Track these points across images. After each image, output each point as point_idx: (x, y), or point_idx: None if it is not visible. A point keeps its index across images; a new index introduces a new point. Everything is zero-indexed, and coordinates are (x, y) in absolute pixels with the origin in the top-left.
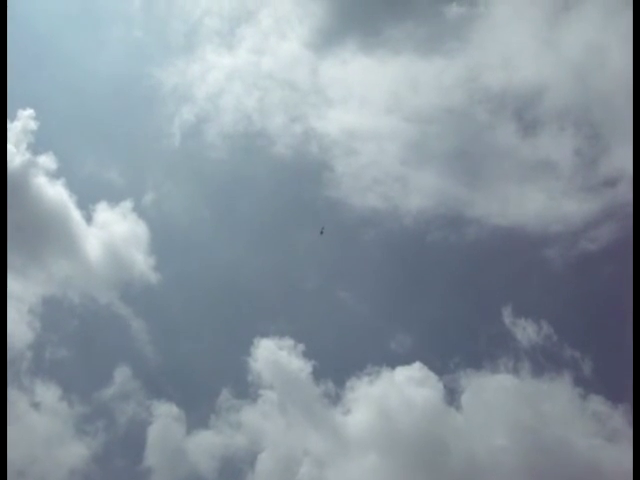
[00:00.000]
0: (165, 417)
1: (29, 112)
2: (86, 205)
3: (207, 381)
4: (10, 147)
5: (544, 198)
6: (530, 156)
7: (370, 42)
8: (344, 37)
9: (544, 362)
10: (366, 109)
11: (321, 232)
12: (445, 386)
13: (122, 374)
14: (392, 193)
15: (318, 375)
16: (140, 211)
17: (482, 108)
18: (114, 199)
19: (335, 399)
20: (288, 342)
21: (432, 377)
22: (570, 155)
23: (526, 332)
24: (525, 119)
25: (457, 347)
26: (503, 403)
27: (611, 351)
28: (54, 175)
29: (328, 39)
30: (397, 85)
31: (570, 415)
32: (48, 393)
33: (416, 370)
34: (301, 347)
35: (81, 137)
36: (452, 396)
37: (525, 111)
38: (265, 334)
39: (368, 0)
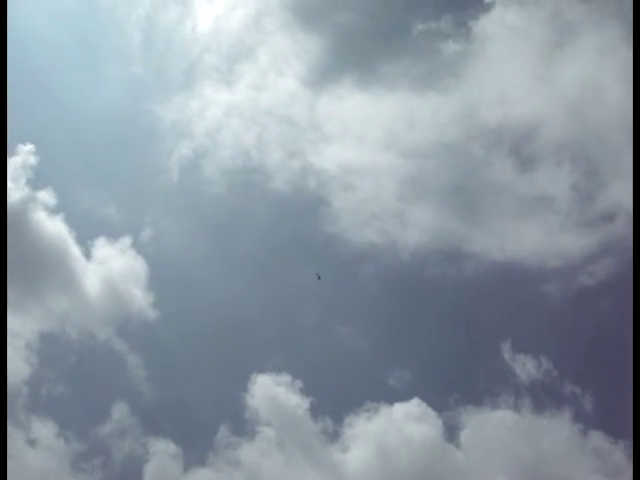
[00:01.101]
0: (162, 454)
1: (29, 147)
2: (85, 240)
3: (204, 418)
4: (9, 182)
5: (542, 233)
6: (527, 191)
7: (366, 79)
8: (340, 74)
9: (544, 398)
10: (363, 145)
11: (318, 277)
12: (444, 423)
13: (119, 411)
14: (390, 228)
15: (316, 412)
16: (138, 247)
17: (478, 144)
18: (113, 235)
19: (333, 436)
20: (286, 378)
21: (431, 413)
22: (567, 190)
23: (525, 368)
24: (522, 154)
25: (456, 383)
26: (503, 440)
27: (611, 386)
28: (53, 210)
29: (325, 76)
30: (393, 121)
31: (570, 451)
32: (44, 430)
33: (414, 406)
34: (299, 383)
35: (80, 172)
36: (451, 433)
37: (521, 146)
38: (262, 370)
39: (364, 37)
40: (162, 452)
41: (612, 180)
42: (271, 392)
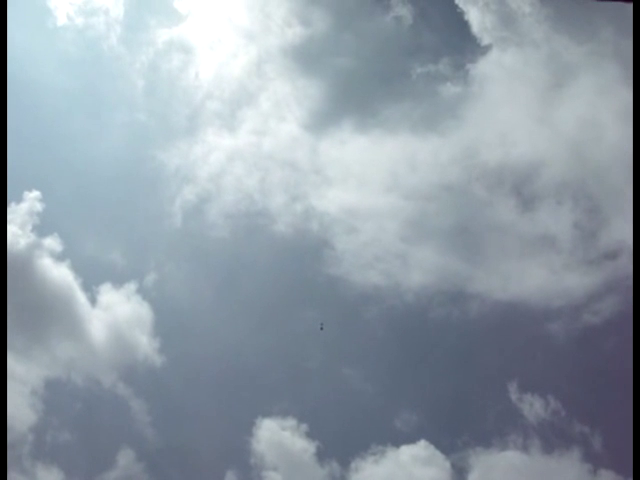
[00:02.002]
0: None
1: (35, 194)
2: (90, 287)
3: (211, 463)
4: (15, 229)
5: (545, 272)
6: (529, 231)
7: (367, 122)
8: (341, 118)
9: (553, 438)
10: (365, 188)
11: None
12: (452, 464)
13: (125, 457)
14: (393, 270)
15: (322, 455)
16: (144, 292)
17: (480, 184)
18: (118, 280)
19: None
20: (291, 422)
21: (438, 455)
22: (569, 229)
23: (533, 408)
24: (523, 194)
25: (463, 424)
26: None
27: (619, 424)
28: (59, 257)
29: (326, 120)
30: (395, 164)
31: None
32: (50, 477)
33: (422, 449)
34: (304, 427)
35: (85, 218)
36: (460, 475)
37: (523, 186)
38: (268, 414)
39: (364, 81)
40: None
41: (614, 218)
42: (277, 436)
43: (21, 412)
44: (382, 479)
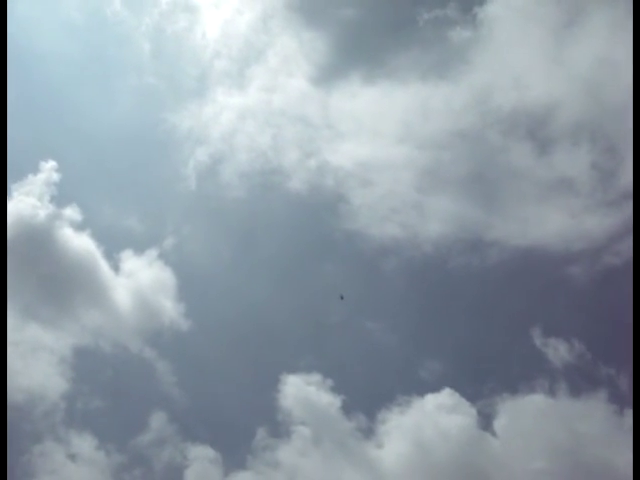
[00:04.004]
0: (202, 460)
1: (52, 164)
2: (112, 254)
3: (240, 421)
4: (34, 200)
5: (564, 216)
6: (547, 175)
7: (376, 73)
8: (350, 70)
9: (579, 381)
10: (378, 140)
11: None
12: (478, 411)
13: (156, 420)
14: (410, 221)
15: (348, 409)
16: (165, 257)
17: (494, 130)
18: (138, 246)
19: (367, 432)
20: (316, 377)
21: (464, 403)
22: (587, 170)
23: (558, 352)
24: (539, 138)
25: (488, 371)
26: (539, 425)
27: None
28: (79, 226)
29: (335, 73)
30: (407, 114)
31: (609, 433)
32: (84, 443)
33: (447, 397)
34: (329, 382)
35: (101, 186)
36: (486, 421)
37: (538, 130)
38: (293, 371)
39: (370, 31)
40: (201, 458)
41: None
42: (302, 392)
43: (52, 381)
44: (408, 429)
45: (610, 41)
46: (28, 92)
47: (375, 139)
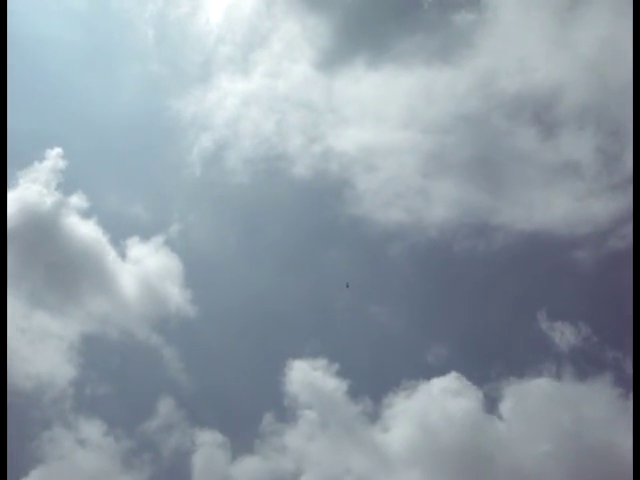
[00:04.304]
0: (209, 445)
1: (57, 151)
2: (118, 241)
3: (247, 406)
4: (40, 188)
5: (569, 200)
6: (552, 158)
7: (380, 57)
8: (354, 55)
9: (584, 364)
10: (382, 124)
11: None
12: (485, 395)
13: (164, 405)
14: (415, 206)
15: (354, 393)
16: (171, 244)
17: (499, 113)
18: (144, 233)
19: (373, 417)
20: (322, 362)
21: (470, 387)
22: (592, 154)
23: (564, 335)
24: (544, 121)
25: (494, 355)
26: (545, 408)
27: None
28: (85, 214)
29: (339, 58)
30: (411, 98)
31: (614, 416)
32: (93, 429)
33: (453, 380)
34: (335, 366)
35: (106, 173)
36: (492, 404)
37: (543, 113)
38: (298, 356)
39: (374, 15)
40: (209, 443)
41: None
42: (308, 377)
43: (60, 368)
44: (414, 413)
45: (614, 24)
46: (33, 80)
47: (379, 124)
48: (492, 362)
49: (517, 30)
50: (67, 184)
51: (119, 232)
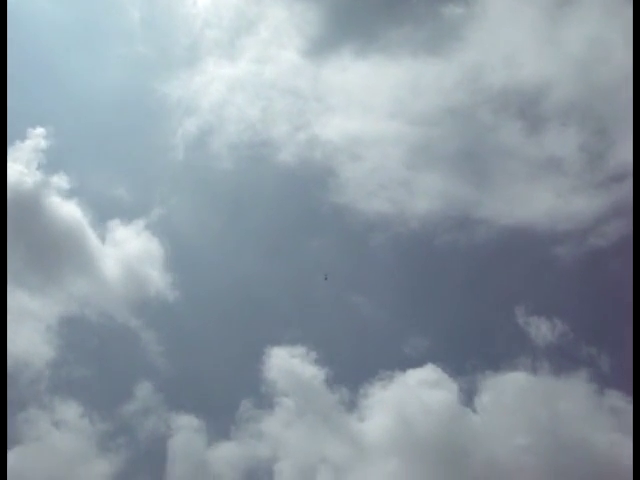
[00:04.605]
0: (186, 429)
1: (39, 131)
2: (99, 223)
3: (225, 392)
4: (21, 167)
5: (551, 196)
6: (536, 154)
7: (368, 47)
8: (342, 44)
9: (560, 360)
10: (368, 114)
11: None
12: (460, 388)
13: (141, 389)
14: (398, 197)
15: (332, 382)
16: (152, 228)
17: (485, 108)
18: (126, 216)
19: (350, 406)
20: (300, 350)
21: (446, 379)
22: (576, 151)
23: (540, 331)
24: (529, 117)
25: (471, 348)
26: (520, 402)
27: (626, 345)
28: (67, 194)
29: (326, 47)
30: (398, 89)
31: (588, 411)
32: (69, 411)
33: (429, 372)
34: (313, 354)
35: (89, 154)
36: (467, 397)
37: (529, 109)
38: (277, 343)
39: (363, 5)
40: (186, 427)
41: (622, 139)
42: (287, 364)
43: (38, 348)
44: (391, 403)
45: (603, 22)
46: (17, 58)
47: (365, 114)
48: (469, 355)
49: (506, 25)
50: (49, 164)
51: (101, 214)
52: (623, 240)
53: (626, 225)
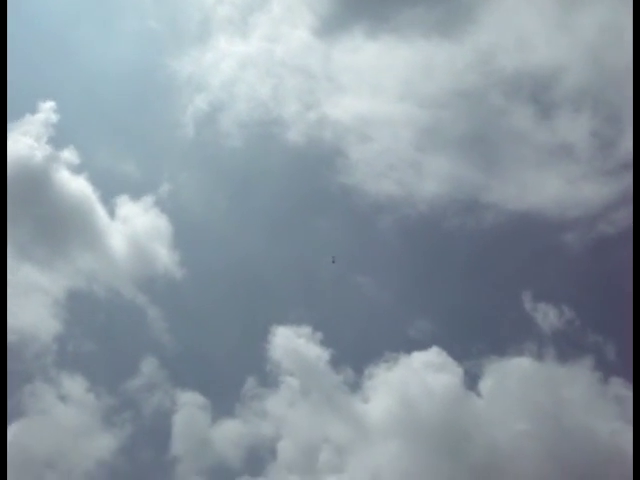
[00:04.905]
0: (190, 406)
1: (50, 104)
2: (108, 199)
3: (230, 370)
4: (31, 141)
5: (561, 182)
6: (547, 139)
7: (380, 28)
8: (354, 24)
9: (566, 346)
10: (379, 95)
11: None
12: (465, 371)
13: (147, 365)
14: (407, 179)
15: (337, 363)
16: (161, 204)
17: (497, 91)
18: (135, 192)
19: (354, 387)
20: (306, 330)
21: (451, 362)
22: (587, 137)
23: (547, 317)
24: (541, 101)
25: (477, 332)
26: (524, 388)
27: (632, 333)
28: (76, 169)
29: (337, 26)
30: (409, 71)
31: (592, 399)
32: (75, 385)
33: (434, 355)
34: (319, 335)
35: (99, 129)
36: (472, 381)
37: (541, 93)
38: (283, 322)
39: None
40: (190, 404)
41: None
42: (292, 344)
43: (45, 322)
44: (395, 385)
45: (616, 8)
46: (27, 31)
47: (376, 95)
48: (475, 339)
49: (519, 9)
50: (59, 138)
51: (109, 189)
52: (632, 228)
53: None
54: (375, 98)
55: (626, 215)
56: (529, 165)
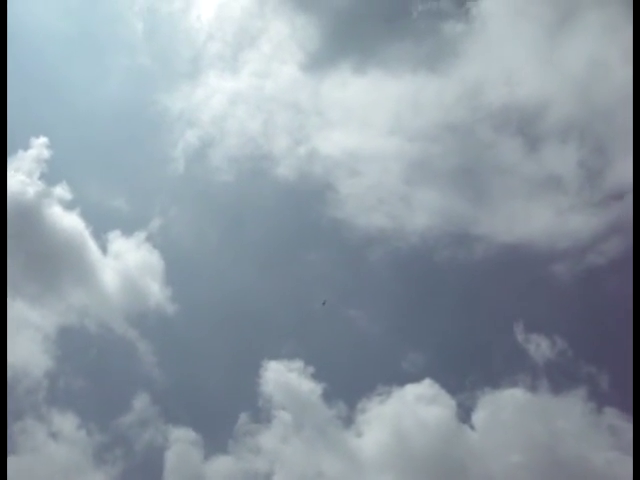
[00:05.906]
0: (183, 442)
1: (43, 140)
2: (100, 234)
3: (221, 405)
4: (23, 177)
5: (550, 214)
6: (535, 172)
7: (368, 62)
8: (342, 59)
9: (559, 377)
10: (368, 130)
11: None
12: (458, 404)
13: (139, 401)
14: (397, 212)
15: (329, 397)
16: (153, 240)
17: (485, 125)
18: (127, 227)
19: (347, 421)
20: (298, 364)
21: (444, 395)
22: (575, 169)
23: (540, 348)
24: (528, 134)
25: (469, 365)
26: (518, 420)
27: (625, 363)
28: (68, 205)
29: (326, 61)
30: (397, 105)
31: (586, 430)
32: (66, 422)
33: (427, 387)
34: (311, 369)
35: (90, 165)
36: (465, 413)
37: (528, 126)
38: (274, 356)
39: (363, 21)
40: (182, 440)
41: (620, 157)
42: (284, 378)
43: (36, 358)
44: (388, 419)
45: (603, 42)
46: (20, 68)
47: (365, 129)
48: (467, 371)
49: (505, 43)
50: (51, 174)
51: (101, 225)
52: (621, 258)
53: (625, 243)
54: (364, 132)
55: (615, 245)
56: (518, 197)
